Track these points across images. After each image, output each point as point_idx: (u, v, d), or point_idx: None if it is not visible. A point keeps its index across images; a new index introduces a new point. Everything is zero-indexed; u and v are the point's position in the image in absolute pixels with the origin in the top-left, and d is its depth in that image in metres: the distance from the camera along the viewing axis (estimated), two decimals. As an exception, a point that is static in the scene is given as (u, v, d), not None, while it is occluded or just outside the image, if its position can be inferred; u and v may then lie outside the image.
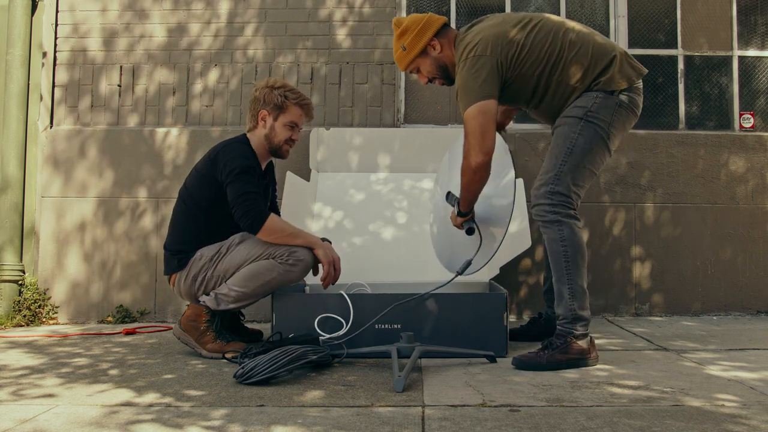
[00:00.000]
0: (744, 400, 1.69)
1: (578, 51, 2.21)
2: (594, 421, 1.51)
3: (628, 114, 2.24)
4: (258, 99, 2.54)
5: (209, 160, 2.50)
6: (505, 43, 2.20)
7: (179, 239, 2.54)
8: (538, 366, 2.10)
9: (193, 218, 2.52)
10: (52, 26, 3.75)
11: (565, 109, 2.25)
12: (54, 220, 3.62)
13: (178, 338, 2.45)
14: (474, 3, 3.83)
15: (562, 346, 2.13)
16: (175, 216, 2.58)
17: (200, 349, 2.39)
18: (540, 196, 2.21)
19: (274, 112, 2.52)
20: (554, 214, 2.18)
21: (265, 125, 2.54)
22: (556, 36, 2.23)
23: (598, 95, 2.20)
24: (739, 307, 3.55)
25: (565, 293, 2.17)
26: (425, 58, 2.38)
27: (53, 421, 1.57)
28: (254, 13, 3.75)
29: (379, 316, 2.29)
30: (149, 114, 3.72)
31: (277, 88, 2.53)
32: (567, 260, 2.17)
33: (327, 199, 3.37)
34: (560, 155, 2.21)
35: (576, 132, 2.20)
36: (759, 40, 3.82)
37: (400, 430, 1.45)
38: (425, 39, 2.34)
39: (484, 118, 2.16)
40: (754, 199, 3.61)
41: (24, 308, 3.50)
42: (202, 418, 1.58)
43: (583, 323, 2.16)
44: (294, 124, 2.55)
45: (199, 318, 2.41)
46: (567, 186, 2.19)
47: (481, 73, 2.17)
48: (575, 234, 2.18)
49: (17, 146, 3.60)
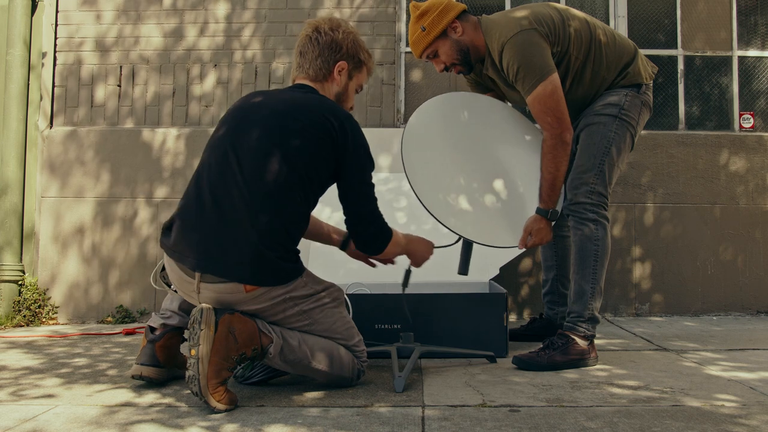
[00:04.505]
0: (744, 401, 1.69)
1: (608, 38, 2.25)
2: (594, 422, 1.51)
3: (648, 113, 2.32)
4: (338, 45, 1.91)
5: (331, 123, 1.78)
6: (544, 19, 2.18)
7: (291, 230, 1.75)
8: (538, 366, 2.10)
9: (305, 201, 1.78)
10: (52, 27, 3.75)
11: (596, 103, 2.26)
12: (54, 220, 3.62)
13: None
14: (474, 3, 3.83)
15: (563, 347, 2.13)
16: (278, 188, 1.72)
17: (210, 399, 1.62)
18: (580, 195, 2.21)
19: (353, 70, 1.96)
20: (594, 213, 2.19)
21: (340, 82, 1.93)
22: (585, 21, 2.25)
23: (628, 93, 2.23)
24: (739, 307, 3.55)
25: (587, 291, 2.18)
26: (445, 40, 2.27)
27: (53, 421, 1.57)
28: (253, 14, 3.75)
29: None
30: (148, 115, 3.72)
31: (357, 40, 1.96)
32: (596, 260, 2.18)
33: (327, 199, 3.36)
34: (598, 154, 2.21)
35: (612, 131, 2.22)
36: (759, 41, 3.82)
37: (400, 430, 1.45)
38: (447, 20, 2.24)
39: (558, 93, 2.13)
40: (754, 199, 3.61)
41: (24, 308, 3.50)
42: (201, 418, 1.57)
43: (595, 324, 2.19)
44: (360, 89, 2.04)
45: (251, 339, 1.67)
46: (605, 186, 2.21)
47: (535, 48, 2.13)
48: (608, 236, 2.21)
49: (17, 147, 3.60)
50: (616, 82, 2.26)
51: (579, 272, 2.20)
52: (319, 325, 1.80)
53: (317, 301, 1.80)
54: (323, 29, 1.91)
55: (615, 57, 2.24)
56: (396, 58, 3.72)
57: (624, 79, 2.25)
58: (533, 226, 2.20)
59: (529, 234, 2.20)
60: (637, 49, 2.30)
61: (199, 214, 1.71)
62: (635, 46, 2.31)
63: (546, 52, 2.14)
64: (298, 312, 1.77)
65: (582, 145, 2.26)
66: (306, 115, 1.77)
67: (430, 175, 2.14)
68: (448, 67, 2.33)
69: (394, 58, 3.71)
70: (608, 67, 2.24)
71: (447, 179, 2.18)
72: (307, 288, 1.78)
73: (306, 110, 1.78)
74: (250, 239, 1.66)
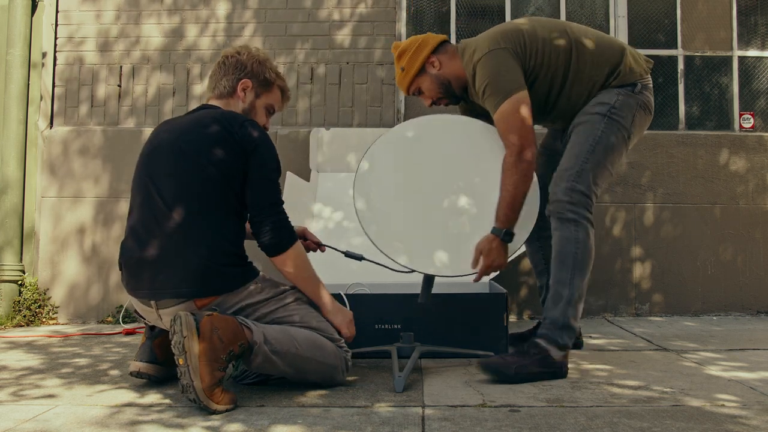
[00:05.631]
0: (744, 401, 1.69)
1: (590, 41, 2.17)
2: (594, 422, 1.51)
3: (647, 116, 2.21)
4: (242, 65, 1.99)
5: (234, 128, 1.83)
6: (515, 34, 2.15)
7: (228, 237, 1.80)
8: (506, 377, 1.91)
9: (230, 207, 1.82)
10: (52, 27, 3.75)
11: (588, 104, 2.18)
12: (54, 220, 3.62)
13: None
14: (474, 3, 3.83)
15: (535, 356, 1.96)
16: (200, 201, 1.77)
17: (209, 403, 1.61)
18: (559, 193, 2.09)
19: (259, 88, 2.01)
20: (573, 213, 2.06)
21: (245, 99, 1.99)
22: (562, 25, 2.20)
23: (620, 92, 2.14)
24: (739, 307, 3.55)
25: (563, 297, 2.02)
26: (425, 77, 2.28)
27: (54, 421, 1.57)
28: (253, 13, 3.75)
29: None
30: (149, 115, 3.73)
31: (263, 61, 2.03)
32: (575, 263, 2.03)
33: (327, 200, 3.37)
34: (582, 153, 2.11)
35: (599, 129, 2.12)
36: (759, 41, 3.82)
37: (400, 430, 1.45)
38: (422, 57, 2.25)
39: (522, 112, 2.05)
40: (754, 199, 3.61)
41: (24, 308, 3.50)
42: (202, 418, 1.58)
43: (570, 334, 2.02)
44: (272, 110, 2.07)
45: (235, 335, 1.64)
46: (588, 185, 2.09)
47: (502, 67, 2.09)
48: (589, 238, 2.07)
49: (17, 147, 3.60)
50: (609, 83, 2.17)
51: (556, 276, 2.05)
52: (288, 321, 1.82)
53: (279, 302, 1.83)
54: (230, 53, 2.02)
55: (601, 59, 2.16)
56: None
57: (616, 80, 2.16)
58: (485, 246, 2.04)
59: (481, 254, 2.04)
60: (625, 47, 2.21)
61: (139, 250, 1.78)
62: (623, 45, 2.22)
63: (514, 71, 2.09)
64: (261, 316, 1.80)
65: (569, 145, 2.17)
66: (210, 128, 1.83)
67: (384, 214, 2.11)
68: (435, 101, 2.33)
69: (393, 58, 3.70)
70: (594, 69, 2.16)
71: (402, 214, 2.13)
72: (265, 292, 1.82)
73: (209, 123, 1.84)
74: (191, 257, 1.73)
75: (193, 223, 1.75)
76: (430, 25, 3.81)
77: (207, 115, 1.88)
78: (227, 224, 1.80)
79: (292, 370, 1.77)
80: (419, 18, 3.81)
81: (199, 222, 1.75)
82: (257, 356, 1.69)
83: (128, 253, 1.82)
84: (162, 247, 1.75)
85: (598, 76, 2.16)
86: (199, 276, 1.73)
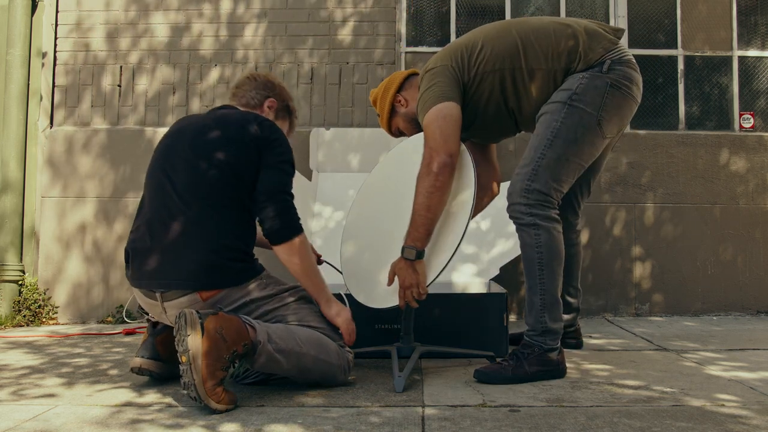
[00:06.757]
0: (744, 400, 1.69)
1: (535, 35, 2.04)
2: (594, 421, 1.51)
3: (625, 94, 2.01)
4: (273, 86, 2.11)
5: (251, 125, 1.87)
6: (453, 49, 2.11)
7: (237, 233, 1.82)
8: (503, 378, 1.90)
9: (242, 204, 1.84)
10: (52, 26, 3.75)
11: (551, 97, 2.04)
12: (54, 220, 3.63)
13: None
14: (474, 3, 3.83)
15: (530, 357, 1.94)
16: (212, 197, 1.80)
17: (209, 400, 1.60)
18: (515, 194, 1.99)
19: (280, 112, 2.12)
20: (531, 216, 1.96)
21: (268, 115, 2.09)
22: (506, 27, 2.11)
23: (584, 75, 1.98)
24: (739, 307, 3.55)
25: (536, 303, 1.96)
26: (397, 118, 2.28)
27: (54, 421, 1.57)
28: (255, 12, 3.75)
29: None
30: (149, 114, 3.73)
31: (288, 93, 2.18)
32: (541, 268, 1.95)
33: (327, 199, 3.37)
34: (539, 147, 1.98)
35: (558, 120, 1.97)
36: (759, 41, 3.82)
37: (400, 430, 1.45)
38: (389, 99, 2.26)
39: (443, 121, 1.96)
40: (754, 199, 3.61)
41: (24, 308, 3.50)
42: (201, 418, 1.58)
43: (553, 336, 1.97)
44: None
45: (239, 335, 1.63)
46: (545, 182, 1.96)
47: (432, 81, 2.05)
48: (553, 238, 1.96)
49: (17, 147, 3.60)
50: (574, 70, 2.01)
51: (527, 282, 2.00)
52: (290, 320, 1.83)
53: (280, 301, 1.85)
54: (263, 73, 2.15)
55: (556, 50, 2.02)
56: (396, 58, 3.72)
57: (580, 64, 2.00)
58: (396, 266, 1.94)
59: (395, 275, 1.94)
60: (577, 30, 2.03)
61: (149, 241, 1.80)
62: (575, 28, 2.03)
63: (446, 84, 2.03)
64: (263, 313, 1.81)
65: (530, 140, 2.06)
66: (227, 126, 1.87)
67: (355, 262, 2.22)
68: None
69: (394, 58, 3.71)
70: (550, 62, 2.02)
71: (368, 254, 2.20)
72: (268, 289, 1.84)
73: (227, 122, 1.89)
74: (199, 250, 1.75)
75: (204, 217, 1.77)
76: (430, 25, 3.81)
77: (226, 114, 1.93)
78: (238, 221, 1.82)
79: (296, 369, 1.77)
80: (419, 18, 3.81)
81: (210, 217, 1.78)
82: (261, 356, 1.68)
83: (138, 243, 1.83)
84: (172, 239, 1.77)
85: (556, 67, 2.02)
86: (205, 269, 1.75)
